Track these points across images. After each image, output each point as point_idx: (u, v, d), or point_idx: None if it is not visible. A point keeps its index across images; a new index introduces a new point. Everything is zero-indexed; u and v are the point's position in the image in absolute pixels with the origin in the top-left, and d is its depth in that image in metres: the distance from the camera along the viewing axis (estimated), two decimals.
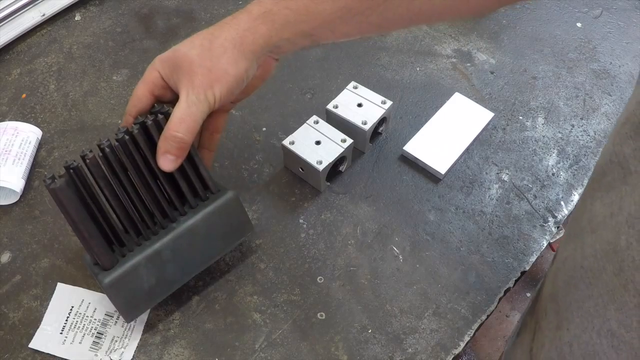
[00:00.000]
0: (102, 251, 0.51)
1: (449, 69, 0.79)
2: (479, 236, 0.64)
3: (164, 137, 0.49)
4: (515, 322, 1.38)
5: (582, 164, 0.69)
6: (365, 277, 0.61)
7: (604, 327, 0.37)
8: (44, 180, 0.48)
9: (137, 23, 0.86)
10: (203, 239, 0.55)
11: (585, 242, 0.40)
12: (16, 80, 0.79)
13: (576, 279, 0.41)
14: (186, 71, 0.49)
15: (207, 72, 0.48)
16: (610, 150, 0.38)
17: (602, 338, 0.38)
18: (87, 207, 0.50)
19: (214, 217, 0.55)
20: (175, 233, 0.53)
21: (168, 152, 0.50)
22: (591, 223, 0.40)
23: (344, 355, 0.56)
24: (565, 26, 0.83)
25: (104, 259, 0.51)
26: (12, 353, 0.56)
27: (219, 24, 0.50)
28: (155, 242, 0.53)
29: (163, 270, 0.54)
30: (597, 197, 0.40)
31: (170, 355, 0.56)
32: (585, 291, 0.39)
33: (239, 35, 0.49)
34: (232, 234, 0.58)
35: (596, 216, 0.39)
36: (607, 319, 0.37)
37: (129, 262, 0.52)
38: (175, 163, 0.50)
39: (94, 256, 0.52)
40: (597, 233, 0.39)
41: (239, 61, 0.49)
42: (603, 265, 0.37)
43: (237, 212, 0.57)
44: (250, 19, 0.49)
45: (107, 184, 0.51)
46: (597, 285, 0.38)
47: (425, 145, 0.69)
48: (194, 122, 0.49)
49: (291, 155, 0.65)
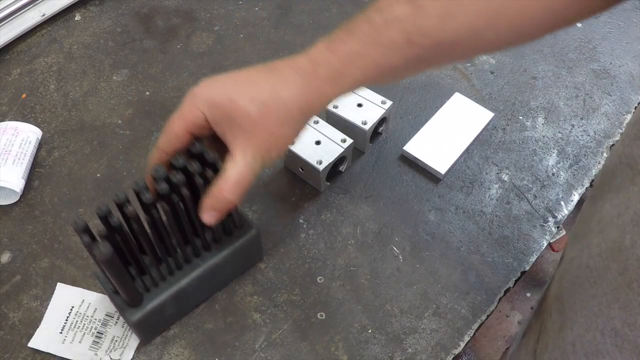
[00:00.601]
0: (130, 291, 0.51)
1: (449, 69, 0.79)
2: (479, 236, 0.64)
3: (215, 196, 0.46)
4: (515, 322, 1.38)
5: (582, 164, 0.69)
6: (365, 277, 0.61)
7: (608, 326, 0.37)
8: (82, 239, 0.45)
9: (137, 23, 0.86)
10: (223, 270, 0.57)
11: (592, 242, 0.40)
12: (16, 80, 0.79)
13: (581, 278, 0.41)
14: (245, 129, 0.45)
15: (269, 136, 0.45)
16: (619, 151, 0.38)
17: (605, 337, 0.38)
18: (118, 250, 0.48)
19: (237, 252, 0.56)
20: (200, 270, 0.54)
21: (215, 210, 0.47)
22: (600, 224, 0.40)
23: (344, 355, 0.56)
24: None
25: (131, 298, 0.51)
26: (12, 353, 0.56)
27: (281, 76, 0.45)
28: (181, 278, 0.54)
29: (185, 301, 0.56)
30: (607, 198, 0.40)
31: (170, 355, 0.56)
32: (590, 290, 0.39)
33: (306, 101, 0.45)
34: (247, 263, 0.60)
35: (604, 217, 0.39)
36: (611, 318, 0.37)
37: (156, 299, 0.52)
38: (219, 219, 0.49)
39: (121, 294, 0.51)
40: (604, 233, 0.39)
41: (301, 126, 0.46)
42: (608, 264, 0.37)
43: (256, 245, 0.59)
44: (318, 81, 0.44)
45: (141, 227, 0.49)
46: (601, 285, 0.38)
47: (425, 145, 0.69)
48: (248, 185, 0.46)
49: (291, 155, 0.65)
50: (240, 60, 0.80)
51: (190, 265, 0.54)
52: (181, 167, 0.49)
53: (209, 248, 0.55)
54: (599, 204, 0.41)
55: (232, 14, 0.86)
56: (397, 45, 0.42)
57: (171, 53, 0.82)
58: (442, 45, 0.42)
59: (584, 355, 0.40)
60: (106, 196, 0.66)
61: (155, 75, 0.79)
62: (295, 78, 0.44)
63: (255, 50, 0.81)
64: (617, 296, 0.36)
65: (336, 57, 0.44)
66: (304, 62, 0.45)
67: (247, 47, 0.82)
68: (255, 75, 0.46)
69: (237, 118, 0.45)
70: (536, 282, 1.44)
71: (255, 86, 0.45)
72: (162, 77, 0.79)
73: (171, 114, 0.48)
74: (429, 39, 0.42)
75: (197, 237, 0.54)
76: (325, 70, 0.44)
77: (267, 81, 0.45)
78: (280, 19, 0.86)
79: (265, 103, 0.44)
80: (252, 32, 0.84)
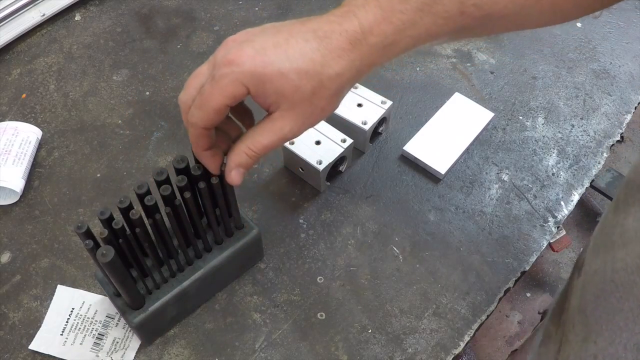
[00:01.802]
0: (132, 293, 0.51)
1: (449, 69, 0.79)
2: (479, 236, 0.64)
3: (243, 151, 0.45)
4: (515, 322, 1.38)
5: (582, 164, 0.69)
6: (365, 277, 0.61)
7: (631, 341, 0.37)
8: (85, 243, 0.45)
9: (137, 23, 0.86)
10: (224, 271, 0.57)
11: (616, 256, 0.40)
12: (16, 80, 0.79)
13: (606, 292, 0.40)
14: (294, 102, 0.42)
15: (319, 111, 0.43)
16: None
17: (627, 352, 0.38)
18: (120, 253, 0.48)
19: (238, 253, 0.56)
20: (202, 272, 0.54)
21: (241, 166, 0.45)
22: (622, 237, 0.39)
23: (344, 355, 0.56)
24: (565, 26, 0.83)
25: (133, 300, 0.51)
26: (12, 353, 0.56)
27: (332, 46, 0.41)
28: (182, 280, 0.54)
29: (186, 302, 0.56)
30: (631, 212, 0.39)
31: (170, 355, 0.56)
32: (616, 305, 0.39)
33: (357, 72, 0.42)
34: (248, 264, 0.61)
35: (628, 230, 0.39)
36: (636, 333, 0.37)
37: (158, 302, 0.52)
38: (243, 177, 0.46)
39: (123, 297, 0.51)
40: (629, 247, 0.38)
41: (345, 94, 0.45)
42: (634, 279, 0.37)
43: (257, 246, 0.59)
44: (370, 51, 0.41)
45: (144, 231, 0.48)
46: (628, 300, 0.38)
47: (425, 145, 0.69)
48: (273, 148, 0.45)
49: (291, 155, 0.65)
50: None
51: (191, 267, 0.54)
52: (183, 170, 0.49)
53: (210, 249, 0.55)
54: (622, 216, 0.40)
55: (232, 14, 0.86)
56: (451, 15, 0.41)
57: (171, 53, 0.82)
58: (491, 18, 0.42)
59: None
60: (106, 196, 0.66)
61: (155, 75, 0.79)
62: (348, 48, 0.41)
63: None
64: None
65: (391, 27, 0.41)
66: (356, 29, 0.41)
67: None
68: (302, 41, 0.41)
69: (287, 93, 0.42)
70: (536, 282, 1.44)
71: (305, 57, 0.41)
72: (162, 77, 0.79)
73: (171, 114, 0.47)
74: (481, 10, 0.41)
75: (198, 239, 0.54)
76: (379, 40, 0.41)
77: (319, 51, 0.41)
78: (280, 19, 0.85)
79: (319, 80, 0.41)
80: None
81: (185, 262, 0.54)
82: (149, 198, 0.47)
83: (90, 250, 0.45)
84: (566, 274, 1.45)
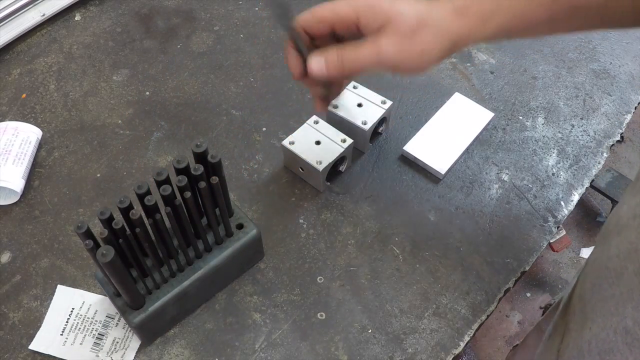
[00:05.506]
0: (132, 293, 0.51)
1: (449, 69, 0.79)
2: (479, 236, 0.64)
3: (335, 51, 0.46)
4: (515, 322, 1.38)
5: (582, 164, 0.69)
6: (365, 277, 0.61)
7: (620, 324, 0.38)
8: (85, 243, 0.45)
9: (137, 23, 0.86)
10: (225, 271, 0.57)
11: (611, 244, 0.41)
12: (16, 80, 0.79)
13: (601, 279, 0.41)
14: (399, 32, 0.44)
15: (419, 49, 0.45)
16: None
17: (617, 335, 0.38)
18: (121, 254, 0.48)
19: (238, 253, 0.56)
20: (202, 272, 0.54)
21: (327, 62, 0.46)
22: (617, 225, 0.40)
23: (344, 355, 0.56)
24: None
25: (133, 300, 0.51)
26: (12, 353, 0.56)
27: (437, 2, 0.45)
28: (182, 280, 0.54)
29: (186, 302, 0.56)
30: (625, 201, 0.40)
31: (170, 355, 0.56)
32: (609, 291, 0.40)
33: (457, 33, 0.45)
34: (248, 264, 0.61)
35: (622, 218, 0.40)
36: (624, 317, 0.38)
37: (158, 302, 0.52)
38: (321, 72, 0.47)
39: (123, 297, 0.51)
40: (622, 234, 0.39)
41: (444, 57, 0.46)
42: (625, 265, 0.38)
43: (257, 245, 0.59)
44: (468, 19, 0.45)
45: (144, 231, 0.48)
46: (619, 285, 0.39)
47: (425, 145, 0.69)
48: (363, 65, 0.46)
49: (291, 155, 0.65)
50: (240, 60, 0.80)
51: (191, 267, 0.54)
52: (183, 170, 0.49)
53: (210, 249, 0.55)
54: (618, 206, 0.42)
55: (232, 14, 0.86)
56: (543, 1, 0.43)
57: (171, 53, 0.82)
58: (578, 9, 0.43)
59: (598, 354, 0.41)
60: (106, 196, 0.66)
61: (155, 75, 0.79)
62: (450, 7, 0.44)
63: (255, 50, 0.81)
64: (631, 296, 0.37)
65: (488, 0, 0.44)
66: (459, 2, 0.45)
67: (247, 47, 0.82)
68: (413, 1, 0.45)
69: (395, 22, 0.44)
70: (536, 282, 1.44)
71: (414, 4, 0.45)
72: (162, 77, 0.78)
73: (171, 114, 0.47)
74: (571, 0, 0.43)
75: (198, 239, 0.54)
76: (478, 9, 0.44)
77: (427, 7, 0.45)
78: None
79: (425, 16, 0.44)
80: (252, 32, 0.84)
81: (185, 262, 0.54)
82: (149, 198, 0.47)
83: (90, 250, 0.45)
84: (566, 274, 1.45)
